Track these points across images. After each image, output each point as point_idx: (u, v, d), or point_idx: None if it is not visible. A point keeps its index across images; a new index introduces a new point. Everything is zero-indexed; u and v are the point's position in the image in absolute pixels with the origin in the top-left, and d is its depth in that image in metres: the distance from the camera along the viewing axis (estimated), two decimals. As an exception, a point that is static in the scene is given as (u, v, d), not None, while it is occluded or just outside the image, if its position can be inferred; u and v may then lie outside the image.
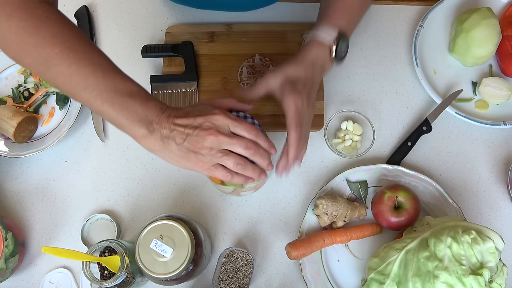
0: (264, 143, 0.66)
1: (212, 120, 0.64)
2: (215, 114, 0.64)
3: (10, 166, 0.91)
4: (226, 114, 0.65)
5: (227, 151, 0.64)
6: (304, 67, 0.74)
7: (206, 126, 0.63)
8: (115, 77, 0.63)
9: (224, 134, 0.63)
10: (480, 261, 0.69)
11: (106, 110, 0.63)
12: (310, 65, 0.75)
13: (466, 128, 0.92)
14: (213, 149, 0.63)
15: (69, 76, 0.62)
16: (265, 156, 0.66)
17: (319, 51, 0.76)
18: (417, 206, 0.81)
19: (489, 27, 0.89)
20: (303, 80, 0.73)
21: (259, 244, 0.86)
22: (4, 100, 0.93)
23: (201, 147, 0.63)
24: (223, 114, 0.64)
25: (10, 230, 0.81)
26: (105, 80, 0.62)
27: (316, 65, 0.75)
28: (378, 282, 0.73)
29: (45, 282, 0.84)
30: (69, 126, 0.89)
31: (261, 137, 0.66)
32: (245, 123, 0.65)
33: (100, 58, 0.64)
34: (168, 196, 0.89)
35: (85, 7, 1.01)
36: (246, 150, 0.64)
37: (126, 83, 0.64)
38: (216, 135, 0.63)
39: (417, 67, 0.93)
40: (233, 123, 0.64)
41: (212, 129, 0.63)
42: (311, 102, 0.74)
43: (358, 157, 0.88)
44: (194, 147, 0.63)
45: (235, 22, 0.99)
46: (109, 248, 0.78)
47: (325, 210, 0.81)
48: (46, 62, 0.61)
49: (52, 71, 0.62)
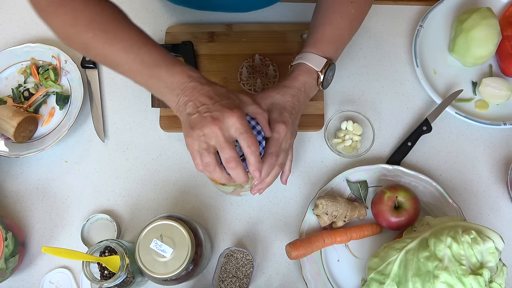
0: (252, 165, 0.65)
1: (226, 116, 0.63)
2: (233, 113, 0.63)
3: (10, 166, 0.91)
4: (242, 119, 0.64)
5: (213, 149, 0.64)
6: (291, 96, 0.75)
7: (215, 115, 0.63)
8: (141, 50, 0.68)
9: (223, 133, 0.63)
10: (480, 261, 0.69)
11: (140, 81, 0.70)
12: (297, 93, 0.76)
13: (466, 128, 0.92)
14: (204, 137, 0.64)
15: (104, 56, 0.69)
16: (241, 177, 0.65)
17: (306, 78, 0.77)
18: (417, 206, 0.81)
19: (489, 27, 0.89)
20: (289, 109, 0.74)
21: (259, 244, 0.86)
22: (4, 100, 0.93)
23: (199, 128, 0.64)
24: (240, 118, 0.64)
25: (10, 230, 0.81)
26: (133, 53, 0.68)
27: (303, 92, 0.77)
28: (378, 282, 0.73)
29: (45, 282, 0.84)
30: (69, 126, 0.89)
31: (254, 159, 0.65)
32: (251, 137, 0.64)
33: (129, 34, 0.69)
34: (168, 196, 0.89)
35: (85, 7, 1.01)
36: (227, 164, 0.64)
37: (152, 54, 0.68)
38: (217, 129, 0.63)
39: (417, 67, 0.93)
40: (242, 129, 0.64)
41: (218, 122, 0.63)
42: (294, 129, 0.76)
43: (358, 157, 0.88)
44: (194, 124, 0.64)
45: (235, 22, 0.99)
46: (109, 248, 0.78)
47: (325, 210, 0.81)
48: (85, 46, 0.70)
49: (91, 54, 0.71)
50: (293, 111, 0.75)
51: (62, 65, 0.95)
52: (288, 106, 0.74)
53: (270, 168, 0.70)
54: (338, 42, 0.80)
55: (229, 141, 0.64)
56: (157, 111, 0.92)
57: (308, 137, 0.92)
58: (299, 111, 0.77)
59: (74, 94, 0.93)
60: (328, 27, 0.79)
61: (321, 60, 0.77)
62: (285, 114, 0.73)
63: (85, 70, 0.96)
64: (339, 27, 0.79)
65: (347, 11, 0.79)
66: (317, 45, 0.78)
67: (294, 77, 0.77)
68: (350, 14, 0.80)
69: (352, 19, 0.81)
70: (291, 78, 0.77)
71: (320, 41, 0.78)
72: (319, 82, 0.77)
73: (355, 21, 0.82)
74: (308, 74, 0.77)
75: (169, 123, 0.91)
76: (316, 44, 0.78)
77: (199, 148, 0.64)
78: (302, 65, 0.77)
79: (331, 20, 0.79)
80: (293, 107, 0.75)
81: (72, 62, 0.94)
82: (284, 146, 0.73)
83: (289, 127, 0.73)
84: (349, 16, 0.80)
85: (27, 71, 0.95)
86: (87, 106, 0.94)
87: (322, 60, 0.77)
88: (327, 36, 0.79)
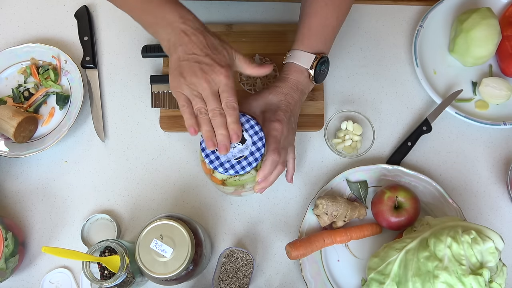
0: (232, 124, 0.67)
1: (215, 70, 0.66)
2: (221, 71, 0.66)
3: (10, 166, 0.91)
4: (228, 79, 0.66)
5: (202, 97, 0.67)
6: (284, 95, 0.76)
7: (205, 68, 0.66)
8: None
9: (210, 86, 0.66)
10: (480, 261, 0.69)
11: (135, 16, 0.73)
12: (290, 92, 0.76)
13: (466, 128, 0.92)
14: (195, 86, 0.66)
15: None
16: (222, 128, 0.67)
17: (298, 76, 0.77)
18: (417, 206, 0.81)
19: (489, 27, 0.89)
20: (283, 108, 0.75)
21: (259, 244, 0.86)
22: (4, 100, 0.93)
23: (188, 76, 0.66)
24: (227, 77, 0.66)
25: (10, 230, 0.81)
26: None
27: (296, 90, 0.77)
28: (378, 282, 0.73)
29: (45, 282, 0.84)
30: (69, 126, 0.89)
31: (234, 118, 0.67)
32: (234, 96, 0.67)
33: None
34: (168, 196, 0.89)
35: (85, 7, 1.01)
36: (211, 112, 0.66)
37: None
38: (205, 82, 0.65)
39: (417, 67, 0.93)
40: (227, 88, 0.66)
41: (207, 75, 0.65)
42: (291, 127, 0.75)
43: (358, 157, 0.88)
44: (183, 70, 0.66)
45: (235, 22, 0.99)
46: (109, 248, 0.78)
47: (325, 210, 0.81)
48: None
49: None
50: (287, 109, 0.75)
51: (62, 65, 0.95)
52: (282, 105, 0.75)
53: (273, 166, 0.70)
54: (325, 33, 0.79)
55: (215, 95, 0.66)
56: (157, 111, 0.92)
57: (308, 137, 0.92)
58: (294, 109, 0.77)
59: (74, 94, 0.93)
60: (314, 19, 0.78)
61: (309, 57, 0.76)
62: (279, 113, 0.74)
63: (85, 70, 0.96)
64: (325, 16, 0.78)
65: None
66: (304, 41, 0.78)
67: (285, 77, 0.77)
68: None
69: (338, 3, 0.79)
70: (282, 78, 0.77)
71: (307, 36, 0.78)
72: (311, 78, 0.77)
73: (342, 5, 0.80)
74: (298, 73, 0.77)
75: (169, 123, 0.91)
76: (303, 40, 0.78)
77: (191, 94, 0.67)
78: (291, 65, 0.77)
79: (316, 9, 0.78)
80: (287, 105, 0.75)
81: (72, 62, 0.94)
82: (283, 143, 0.73)
83: (285, 124, 0.73)
84: (335, 1, 0.78)
85: (27, 71, 0.95)
86: (87, 106, 0.94)
87: (310, 57, 0.76)
88: (313, 29, 0.78)
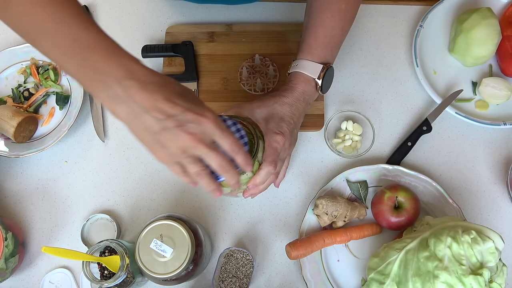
0: (242, 160, 0.61)
1: (201, 122, 0.56)
2: (207, 118, 0.57)
3: (10, 166, 0.91)
4: (217, 122, 0.58)
5: (196, 158, 0.58)
6: (289, 105, 0.74)
7: (191, 128, 0.56)
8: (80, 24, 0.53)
9: (204, 143, 0.57)
10: (480, 261, 0.69)
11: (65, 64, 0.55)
12: (295, 103, 0.75)
13: (466, 128, 0.92)
14: (185, 152, 0.57)
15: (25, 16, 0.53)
16: (235, 177, 0.61)
17: (305, 87, 0.76)
18: (417, 206, 0.81)
19: (489, 27, 0.89)
20: (287, 120, 0.73)
21: (259, 244, 0.86)
22: (4, 100, 0.93)
23: (174, 146, 0.56)
24: (215, 121, 0.57)
25: (10, 230, 0.81)
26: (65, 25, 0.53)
27: (302, 102, 0.76)
28: (378, 282, 0.73)
29: (45, 282, 0.84)
30: (69, 126, 0.89)
31: (241, 154, 0.61)
32: (231, 137, 0.59)
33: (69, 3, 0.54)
34: (168, 196, 0.89)
35: (85, 7, 1.01)
36: (219, 168, 0.59)
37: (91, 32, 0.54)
38: (197, 142, 0.56)
39: (417, 67, 0.93)
40: (221, 134, 0.58)
41: (196, 134, 0.56)
42: (293, 138, 0.75)
43: (358, 157, 0.88)
44: (166, 142, 0.56)
45: (235, 22, 0.99)
46: (109, 248, 0.78)
47: (325, 210, 0.81)
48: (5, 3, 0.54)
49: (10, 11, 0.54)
50: (291, 121, 0.74)
51: (62, 65, 0.95)
52: (286, 116, 0.74)
53: (267, 177, 0.70)
54: (332, 43, 0.78)
55: (211, 147, 0.58)
56: (157, 111, 0.92)
57: (308, 137, 0.92)
58: (298, 121, 0.76)
59: (74, 94, 0.93)
60: (320, 29, 0.77)
61: (317, 67, 0.76)
62: (283, 125, 0.73)
63: (85, 70, 0.96)
64: (331, 26, 0.78)
65: (337, 8, 0.77)
66: (311, 50, 0.77)
67: (292, 87, 0.76)
68: (341, 10, 0.78)
69: (343, 14, 0.78)
70: (289, 88, 0.76)
71: (313, 46, 0.77)
72: (317, 88, 0.77)
73: (347, 16, 0.79)
74: (305, 82, 0.76)
75: (169, 123, 0.91)
76: (310, 49, 0.77)
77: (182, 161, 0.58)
78: (299, 74, 0.76)
79: (322, 20, 0.77)
80: (292, 117, 0.74)
81: (72, 62, 0.94)
82: (282, 155, 0.73)
83: (287, 137, 0.72)
84: (340, 13, 0.78)
85: (27, 71, 0.95)
86: (87, 106, 0.94)
87: (318, 67, 0.76)
88: (320, 39, 0.77)
